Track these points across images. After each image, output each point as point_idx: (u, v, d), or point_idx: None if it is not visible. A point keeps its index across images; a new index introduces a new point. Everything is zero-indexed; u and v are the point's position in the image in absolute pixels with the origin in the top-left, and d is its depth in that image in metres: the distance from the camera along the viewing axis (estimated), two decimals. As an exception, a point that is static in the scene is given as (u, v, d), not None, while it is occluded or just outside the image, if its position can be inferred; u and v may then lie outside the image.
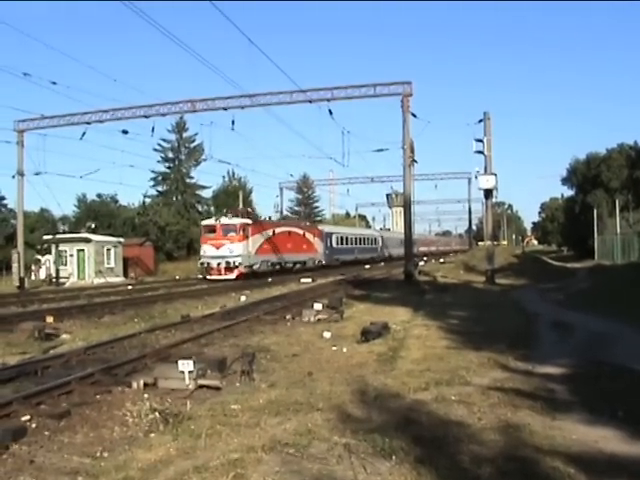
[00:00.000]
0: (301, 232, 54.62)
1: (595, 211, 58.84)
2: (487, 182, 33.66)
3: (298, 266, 51.85)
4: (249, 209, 53.79)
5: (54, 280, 45.74)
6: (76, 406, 9.29)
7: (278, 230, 49.91)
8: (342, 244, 65.21)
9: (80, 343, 15.26)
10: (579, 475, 5.49)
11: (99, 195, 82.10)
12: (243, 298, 27.57)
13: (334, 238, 62.61)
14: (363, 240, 74.31)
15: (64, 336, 16.74)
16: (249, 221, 45.11)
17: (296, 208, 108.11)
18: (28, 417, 8.56)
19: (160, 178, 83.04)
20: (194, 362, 10.38)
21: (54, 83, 34.48)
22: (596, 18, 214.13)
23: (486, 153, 33.52)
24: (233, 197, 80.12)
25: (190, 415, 8.21)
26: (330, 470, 5.74)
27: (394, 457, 5.96)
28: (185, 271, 53.17)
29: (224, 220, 44.48)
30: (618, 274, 33.87)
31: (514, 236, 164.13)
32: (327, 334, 15.73)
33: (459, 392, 8.66)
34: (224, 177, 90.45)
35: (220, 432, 7.09)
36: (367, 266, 61.98)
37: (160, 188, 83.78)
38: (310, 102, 37.27)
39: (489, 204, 37.11)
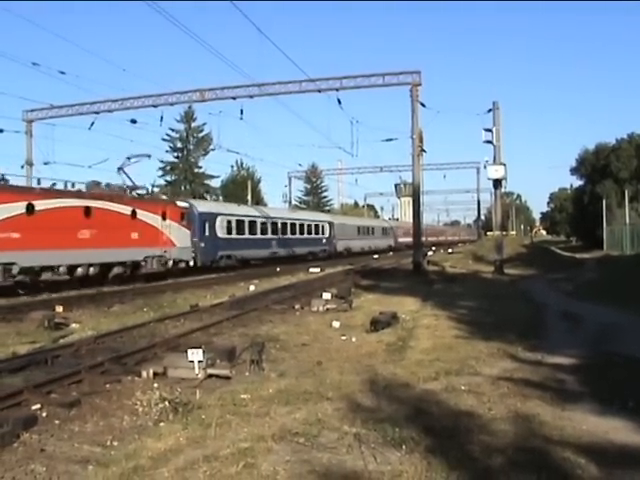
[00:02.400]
0: (125, 210, 30.59)
1: (604, 201, 58.63)
2: (496, 172, 33.54)
3: (118, 271, 29.76)
4: None
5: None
6: (86, 395, 9.33)
7: (48, 204, 25.99)
8: (241, 233, 43.40)
9: (90, 332, 15.29)
10: (590, 466, 5.46)
11: (107, 185, 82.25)
12: (252, 288, 27.61)
13: (221, 222, 40.80)
14: (292, 228, 52.07)
15: (74, 325, 16.81)
16: None
17: (305, 198, 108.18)
18: (39, 406, 8.60)
19: (169, 168, 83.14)
20: (203, 351, 10.41)
21: (63, 73, 34.62)
22: (605, 9, 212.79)
23: (495, 143, 33.39)
24: (242, 187, 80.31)
25: (200, 404, 8.22)
26: (340, 459, 5.74)
27: (404, 447, 5.95)
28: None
29: None
30: (627, 265, 33.75)
31: (523, 226, 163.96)
32: (336, 324, 15.75)
33: (469, 382, 8.64)
34: (232, 167, 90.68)
35: (230, 421, 7.09)
36: (375, 256, 61.13)
37: (169, 178, 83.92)
38: (319, 91, 37.19)
39: (498, 194, 37.11)
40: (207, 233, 38.86)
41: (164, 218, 33.08)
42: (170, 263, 33.43)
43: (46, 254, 25.32)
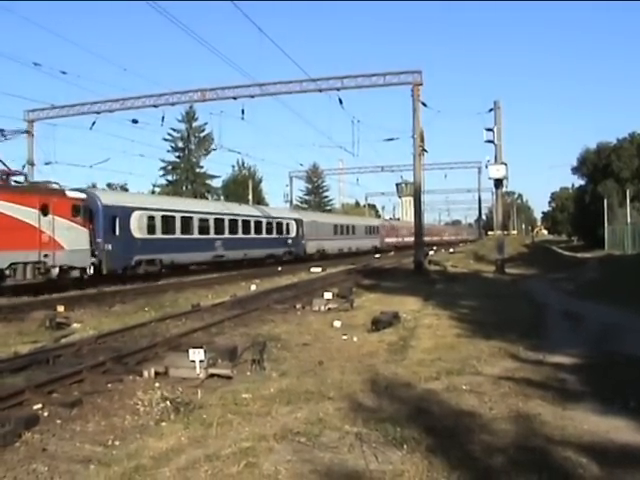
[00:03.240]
0: None
1: (605, 201, 58.67)
2: (497, 172, 33.52)
3: None
4: None
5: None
6: (88, 395, 9.34)
7: None
8: (170, 232, 34.84)
9: (91, 332, 15.32)
10: (591, 465, 5.46)
11: (109, 184, 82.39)
12: (253, 287, 27.61)
13: (139, 219, 32.43)
14: (245, 226, 43.20)
15: (75, 325, 16.82)
16: None
17: (306, 197, 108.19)
18: (40, 406, 8.62)
19: (170, 167, 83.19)
20: (205, 351, 10.41)
21: (64, 73, 34.59)
22: (605, 7, 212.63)
23: (496, 142, 33.35)
24: (243, 186, 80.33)
25: (201, 404, 8.23)
26: (342, 459, 5.74)
27: (405, 446, 5.95)
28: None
29: None
30: (628, 264, 33.73)
31: (524, 226, 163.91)
32: (337, 323, 15.74)
33: (470, 382, 8.64)
34: (234, 166, 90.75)
35: (231, 421, 7.09)
36: (377, 255, 60.69)
37: (170, 177, 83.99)
38: (320, 91, 37.14)
39: (499, 194, 37.05)
40: (117, 232, 30.51)
41: (45, 213, 25.32)
42: (55, 271, 25.64)
43: None
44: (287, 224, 49.84)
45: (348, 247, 62.58)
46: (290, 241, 49.70)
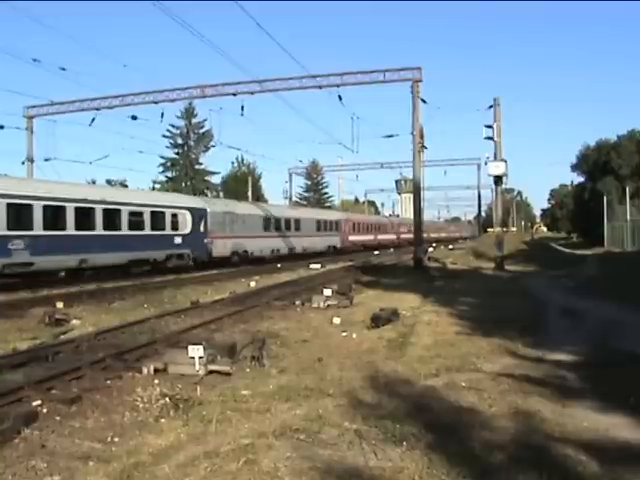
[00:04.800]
0: None
1: (605, 198, 58.63)
2: (497, 169, 33.50)
3: None
4: None
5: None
6: (87, 391, 9.31)
7: None
8: None
9: (90, 328, 15.28)
10: (591, 463, 5.47)
11: (108, 181, 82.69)
12: (253, 284, 27.56)
13: None
14: (84, 217, 27.41)
15: (74, 321, 16.77)
16: None
17: (305, 194, 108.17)
18: (39, 402, 8.58)
19: (169, 164, 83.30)
20: (204, 348, 10.38)
21: (63, 69, 34.62)
22: (604, 4, 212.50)
23: (496, 139, 33.33)
24: (242, 183, 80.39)
25: (200, 400, 8.22)
26: (341, 456, 5.74)
27: (405, 443, 5.95)
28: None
29: None
30: (628, 261, 33.75)
31: (523, 223, 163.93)
32: (337, 320, 15.71)
33: (470, 378, 8.64)
34: (233, 163, 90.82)
35: (230, 418, 7.09)
36: (376, 252, 60.50)
37: (169, 174, 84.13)
38: (320, 88, 37.05)
39: (499, 191, 37.04)
40: None
41: None
42: None
43: None
44: (174, 215, 34.29)
45: (288, 247, 47.60)
46: (180, 240, 34.49)
